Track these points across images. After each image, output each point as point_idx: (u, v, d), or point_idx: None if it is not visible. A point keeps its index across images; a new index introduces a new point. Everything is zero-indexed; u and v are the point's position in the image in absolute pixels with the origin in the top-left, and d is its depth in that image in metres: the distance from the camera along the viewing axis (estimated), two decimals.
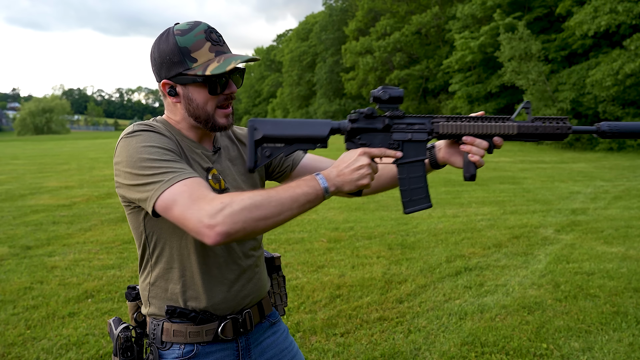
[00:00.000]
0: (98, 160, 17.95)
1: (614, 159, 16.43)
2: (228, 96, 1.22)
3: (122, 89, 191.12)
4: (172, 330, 1.22)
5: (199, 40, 1.16)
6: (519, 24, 22.33)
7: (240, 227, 1.00)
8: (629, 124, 1.17)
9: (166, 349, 1.23)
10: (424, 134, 1.16)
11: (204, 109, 1.20)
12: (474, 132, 1.15)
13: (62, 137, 52.62)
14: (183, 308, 1.21)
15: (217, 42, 1.19)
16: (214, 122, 1.21)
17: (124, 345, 1.22)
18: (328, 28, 49.09)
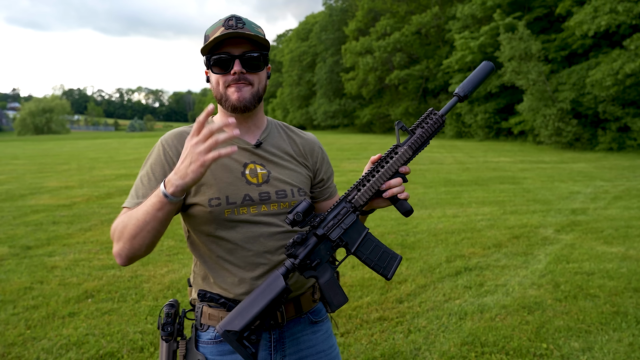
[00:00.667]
0: (98, 160, 17.95)
1: (614, 159, 16.43)
2: (236, 76, 1.25)
3: (122, 89, 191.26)
4: (209, 314, 1.31)
5: (217, 27, 1.26)
6: (519, 24, 22.33)
7: (125, 250, 1.17)
8: (474, 75, 1.26)
9: (203, 330, 1.32)
10: (352, 216, 1.22)
11: (217, 89, 1.29)
12: (384, 181, 1.22)
13: (62, 137, 52.62)
14: (213, 293, 1.28)
15: (230, 27, 1.24)
16: (227, 99, 1.27)
17: (164, 320, 1.31)
18: (328, 28, 49.09)
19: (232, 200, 1.26)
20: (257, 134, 1.37)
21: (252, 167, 1.30)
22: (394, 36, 35.77)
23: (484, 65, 1.28)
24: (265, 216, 1.29)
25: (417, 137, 1.23)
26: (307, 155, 1.43)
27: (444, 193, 9.24)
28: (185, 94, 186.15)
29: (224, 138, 1.05)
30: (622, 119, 19.31)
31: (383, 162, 1.23)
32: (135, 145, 30.14)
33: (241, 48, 1.26)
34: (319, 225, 1.20)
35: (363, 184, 1.22)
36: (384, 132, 41.87)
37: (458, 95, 1.24)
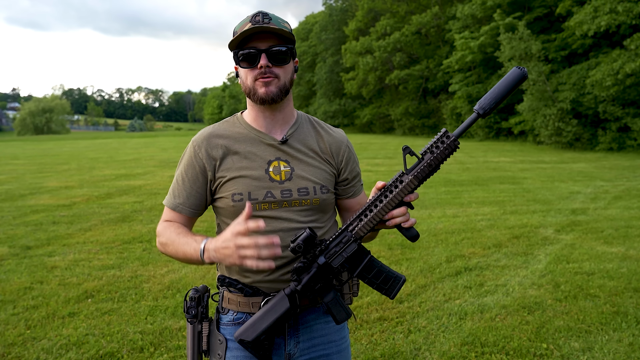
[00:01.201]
0: (98, 160, 17.95)
1: (614, 159, 16.43)
2: (263, 69, 1.29)
3: (122, 89, 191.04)
4: (228, 298, 1.40)
5: (245, 23, 1.31)
6: (519, 24, 22.34)
7: (163, 251, 1.39)
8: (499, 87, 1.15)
9: (224, 313, 1.41)
10: (353, 245, 1.23)
11: (245, 83, 1.34)
12: (387, 212, 1.19)
13: (62, 137, 52.62)
14: (232, 279, 1.36)
15: (257, 22, 1.28)
16: (255, 93, 1.32)
17: (188, 304, 1.39)
18: (328, 28, 49.09)
19: (254, 197, 1.32)
20: (285, 129, 1.41)
21: (275, 164, 1.35)
22: (394, 36, 35.78)
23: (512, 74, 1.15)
24: (286, 212, 1.34)
25: (425, 166, 1.16)
26: (333, 153, 1.45)
27: (444, 193, 9.24)
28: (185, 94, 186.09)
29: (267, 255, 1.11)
30: (622, 119, 19.31)
31: (387, 192, 1.19)
32: (135, 145, 30.14)
33: (267, 42, 1.30)
34: (321, 253, 1.23)
35: (365, 214, 1.20)
36: (384, 132, 41.87)
37: (477, 112, 1.15)
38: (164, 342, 3.24)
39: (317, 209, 1.39)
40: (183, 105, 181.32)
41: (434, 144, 1.16)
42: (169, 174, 13.01)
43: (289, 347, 1.37)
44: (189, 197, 1.38)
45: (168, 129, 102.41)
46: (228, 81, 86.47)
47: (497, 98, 1.13)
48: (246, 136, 1.38)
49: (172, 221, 1.40)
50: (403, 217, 1.21)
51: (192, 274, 4.60)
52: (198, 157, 1.37)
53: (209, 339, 1.39)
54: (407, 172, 1.17)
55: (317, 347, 1.42)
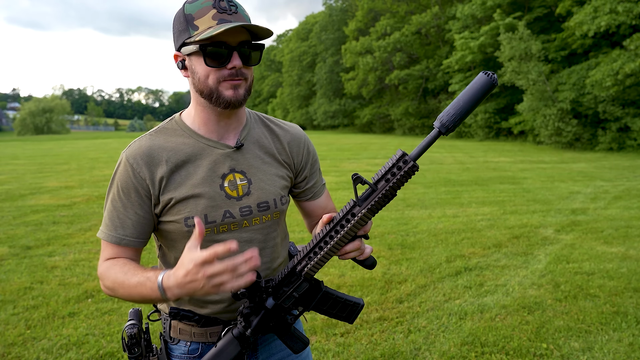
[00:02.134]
0: (98, 160, 17.95)
1: (614, 159, 16.43)
2: (233, 71, 1.09)
3: (122, 89, 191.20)
4: (179, 328, 1.24)
5: (205, 7, 1.08)
6: (519, 24, 22.35)
7: (112, 295, 1.15)
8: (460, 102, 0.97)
9: (174, 343, 1.25)
10: (304, 284, 1.11)
11: (205, 82, 1.11)
12: (338, 249, 1.06)
13: (62, 137, 52.63)
14: (186, 311, 1.19)
15: (224, 9, 1.08)
16: (219, 95, 1.11)
17: (129, 342, 1.21)
18: (328, 28, 49.11)
19: (212, 219, 1.15)
20: (237, 132, 1.22)
21: (231, 177, 1.18)
22: (394, 36, 35.79)
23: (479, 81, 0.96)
24: (247, 232, 1.20)
25: (380, 197, 1.00)
26: (292, 152, 1.30)
27: (444, 193, 9.24)
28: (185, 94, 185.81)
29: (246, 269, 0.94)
30: (622, 119, 19.31)
31: (337, 226, 1.04)
32: None
33: (238, 37, 1.09)
34: (269, 295, 1.12)
35: (315, 251, 1.07)
36: (383, 132, 41.87)
37: (439, 129, 0.98)
38: None
39: (277, 222, 1.27)
40: (183, 105, 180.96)
41: (389, 170, 0.99)
42: None
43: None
44: (135, 226, 1.16)
45: None
46: None
47: (462, 112, 0.96)
48: (193, 146, 1.17)
49: (116, 257, 1.17)
50: (357, 251, 1.09)
51: None
52: (139, 177, 1.14)
53: None
54: (359, 203, 1.02)
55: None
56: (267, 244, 1.25)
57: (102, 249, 1.19)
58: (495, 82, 0.95)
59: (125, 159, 1.16)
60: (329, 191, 1.48)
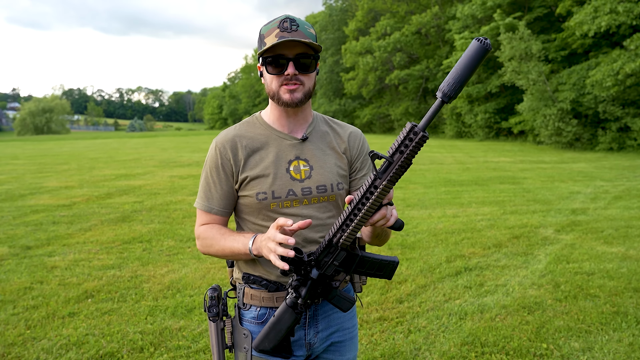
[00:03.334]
0: (98, 160, 17.95)
1: (614, 159, 16.44)
2: (290, 76, 1.35)
3: (122, 89, 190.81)
4: (250, 294, 1.47)
5: (272, 27, 1.36)
6: (519, 24, 22.34)
7: (205, 251, 1.46)
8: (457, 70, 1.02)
9: (246, 309, 1.48)
10: (342, 253, 1.26)
11: (270, 86, 1.40)
12: (367, 219, 1.19)
13: (62, 137, 52.63)
14: (256, 276, 1.43)
15: (285, 29, 1.34)
16: (279, 97, 1.39)
17: (209, 303, 1.47)
18: (328, 28, 49.09)
19: (277, 195, 1.40)
20: (304, 127, 1.48)
21: (295, 164, 1.43)
22: (394, 36, 35.78)
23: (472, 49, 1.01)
24: (307, 209, 1.43)
25: (398, 168, 1.10)
26: (350, 145, 1.52)
27: (444, 193, 9.24)
28: (185, 94, 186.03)
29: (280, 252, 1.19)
30: (622, 119, 19.32)
31: (364, 199, 1.16)
32: (135, 145, 30.14)
33: (295, 50, 1.35)
34: (312, 267, 1.28)
35: (347, 224, 1.20)
36: (384, 132, 41.87)
37: (441, 99, 1.04)
38: (164, 342, 3.24)
39: (333, 204, 1.48)
40: (183, 105, 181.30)
41: (402, 142, 1.09)
42: (169, 174, 13.02)
43: (309, 337, 1.47)
44: (221, 199, 1.45)
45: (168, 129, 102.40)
46: (228, 81, 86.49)
47: (460, 80, 1.02)
48: (268, 137, 1.46)
49: (211, 223, 1.47)
50: (384, 219, 1.21)
51: (192, 274, 4.60)
52: (225, 159, 1.43)
53: (233, 334, 1.46)
54: (379, 175, 1.13)
55: (333, 335, 1.52)
56: (324, 221, 1.46)
57: (197, 216, 1.50)
58: (489, 47, 1.00)
59: (215, 144, 1.46)
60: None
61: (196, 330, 3.40)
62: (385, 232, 1.43)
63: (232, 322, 1.47)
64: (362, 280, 1.60)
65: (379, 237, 1.42)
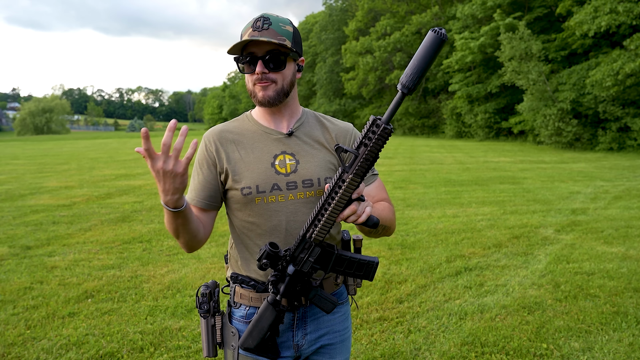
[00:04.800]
0: (98, 160, 17.94)
1: (614, 159, 16.44)
2: (259, 75, 1.36)
3: (122, 89, 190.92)
4: (240, 293, 1.48)
5: (248, 27, 1.37)
6: (520, 24, 22.34)
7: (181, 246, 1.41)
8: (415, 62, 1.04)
9: (236, 307, 1.49)
10: (317, 249, 1.27)
11: (247, 85, 1.42)
12: (337, 214, 1.18)
13: (62, 137, 52.62)
14: (244, 276, 1.43)
15: (257, 28, 1.34)
16: (255, 95, 1.40)
17: (200, 300, 1.47)
18: (328, 28, 49.09)
19: (262, 189, 1.40)
20: (291, 123, 1.48)
21: (281, 158, 1.42)
22: (394, 36, 35.79)
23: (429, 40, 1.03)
24: (292, 204, 1.41)
25: (363, 161, 1.11)
26: (339, 141, 1.50)
27: (444, 193, 9.24)
28: (185, 94, 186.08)
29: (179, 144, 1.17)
30: (622, 119, 19.32)
31: (332, 194, 1.17)
32: (135, 145, 30.14)
33: (264, 48, 1.35)
34: (289, 263, 1.29)
35: (318, 219, 1.21)
36: None
37: (402, 91, 1.06)
38: (164, 342, 3.24)
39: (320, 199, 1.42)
40: (183, 105, 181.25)
41: (365, 135, 1.09)
42: None
43: (297, 339, 1.46)
44: (202, 190, 1.44)
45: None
46: (228, 81, 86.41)
47: (418, 71, 1.03)
48: (254, 132, 1.47)
49: None
50: (354, 215, 1.20)
51: (192, 274, 4.60)
52: (209, 151, 1.45)
53: (222, 331, 1.47)
54: (347, 169, 1.14)
55: (323, 337, 1.50)
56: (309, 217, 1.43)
57: None
58: (444, 38, 1.01)
59: (203, 137, 1.48)
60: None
61: (196, 330, 3.40)
62: (381, 227, 1.41)
63: (222, 320, 1.48)
64: (356, 283, 1.58)
65: (372, 232, 1.41)
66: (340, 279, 1.53)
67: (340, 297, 1.54)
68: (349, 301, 1.60)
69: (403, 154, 18.93)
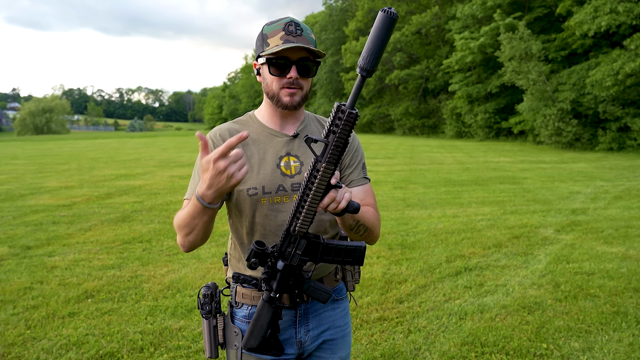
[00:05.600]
0: (98, 160, 17.95)
1: (614, 159, 16.43)
2: (292, 80, 1.37)
3: (122, 89, 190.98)
4: (242, 293, 1.49)
5: (277, 29, 1.37)
6: (520, 24, 22.34)
7: (182, 242, 1.36)
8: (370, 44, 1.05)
9: (238, 307, 1.50)
10: (302, 241, 1.27)
11: (270, 86, 1.41)
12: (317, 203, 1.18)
13: (62, 137, 52.62)
14: (246, 276, 1.40)
15: (290, 32, 1.36)
16: (279, 99, 1.40)
17: (202, 300, 1.47)
18: (328, 28, 49.11)
19: (268, 190, 1.41)
20: (296, 125, 1.50)
21: (286, 159, 1.44)
22: (394, 36, 35.76)
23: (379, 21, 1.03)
24: (288, 207, 1.42)
25: (334, 148, 1.12)
26: None
27: (444, 193, 9.24)
28: (185, 94, 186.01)
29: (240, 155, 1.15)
30: (622, 119, 19.31)
31: (309, 184, 1.17)
32: (135, 145, 30.15)
33: (298, 54, 1.36)
34: (277, 259, 1.29)
35: (299, 211, 1.22)
36: (384, 132, 41.86)
37: (361, 74, 1.07)
38: (164, 342, 3.24)
39: None
40: (183, 105, 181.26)
41: (332, 123, 1.10)
42: (169, 174, 13.02)
43: (300, 335, 1.48)
44: None
45: (168, 129, 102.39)
46: (228, 81, 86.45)
47: (374, 52, 1.05)
48: (260, 133, 1.48)
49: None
50: (334, 202, 1.20)
51: (192, 274, 4.60)
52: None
53: (225, 331, 1.48)
54: (319, 158, 1.15)
55: (324, 332, 1.52)
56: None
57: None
58: (395, 16, 1.02)
59: (209, 136, 1.45)
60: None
61: (196, 330, 3.40)
62: (363, 227, 1.41)
63: (225, 320, 1.48)
64: (354, 279, 1.61)
65: (352, 229, 1.40)
66: (339, 275, 1.56)
67: (339, 293, 1.57)
68: (347, 297, 1.63)
69: (403, 154, 18.93)
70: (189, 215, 1.27)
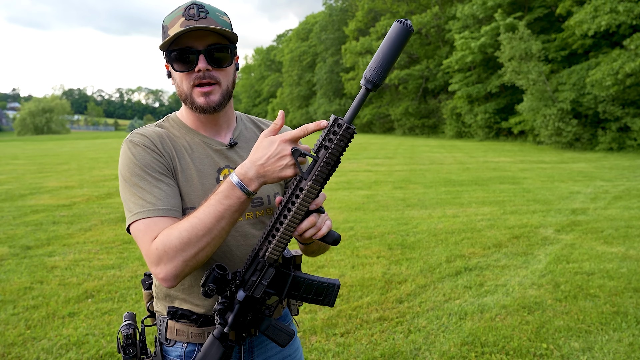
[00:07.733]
0: (98, 160, 17.95)
1: (614, 159, 16.43)
2: (202, 74, 1.12)
3: (122, 89, 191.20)
4: (175, 329, 1.21)
5: (177, 16, 1.12)
6: (520, 24, 22.35)
7: (183, 268, 1.02)
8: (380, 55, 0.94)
9: (170, 345, 1.23)
10: (270, 270, 1.07)
11: (181, 87, 1.16)
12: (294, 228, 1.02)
13: (62, 137, 52.62)
14: (185, 310, 1.18)
15: (192, 16, 1.10)
16: (192, 101, 1.15)
17: (124, 343, 1.21)
18: (328, 28, 49.11)
19: None
20: (229, 132, 1.27)
21: (226, 172, 1.21)
22: None
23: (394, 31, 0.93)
24: (241, 226, 1.20)
25: (323, 165, 0.97)
26: None
27: (444, 193, 9.24)
28: None
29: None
30: (622, 119, 19.31)
31: (289, 204, 1.00)
32: None
33: (205, 41, 1.12)
34: (238, 288, 1.08)
35: (273, 234, 1.04)
36: (384, 132, 41.87)
37: (366, 87, 0.95)
38: None
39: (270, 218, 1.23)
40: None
41: (325, 136, 0.96)
42: None
43: None
44: (174, 196, 1.13)
45: None
46: None
47: (384, 65, 0.93)
48: (191, 141, 1.21)
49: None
50: (313, 227, 1.03)
51: None
52: (156, 151, 1.15)
53: None
54: (305, 176, 0.99)
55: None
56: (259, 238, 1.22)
57: (141, 235, 1.06)
58: (411, 29, 0.92)
59: (132, 143, 1.14)
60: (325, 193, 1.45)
61: None
62: (323, 246, 1.24)
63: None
64: (298, 302, 1.38)
65: (314, 252, 1.25)
66: (284, 302, 1.35)
67: (284, 319, 1.36)
68: (293, 322, 1.43)
69: (403, 154, 18.93)
70: (214, 217, 1.00)
